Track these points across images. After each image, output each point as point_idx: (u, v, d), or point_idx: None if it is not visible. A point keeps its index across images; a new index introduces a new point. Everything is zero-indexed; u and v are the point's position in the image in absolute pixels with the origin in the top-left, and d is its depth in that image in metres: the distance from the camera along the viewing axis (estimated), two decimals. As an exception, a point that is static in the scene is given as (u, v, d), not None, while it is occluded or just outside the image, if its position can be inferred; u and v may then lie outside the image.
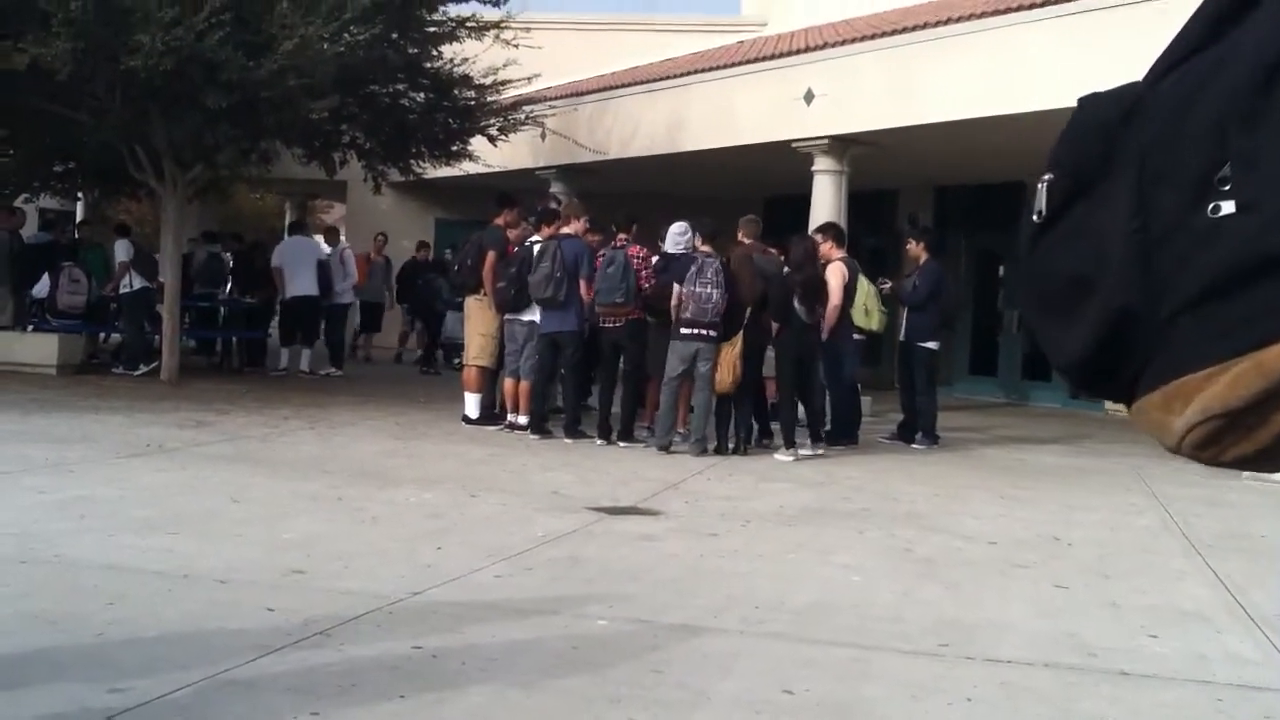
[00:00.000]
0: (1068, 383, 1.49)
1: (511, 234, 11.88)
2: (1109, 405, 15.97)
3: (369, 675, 4.22)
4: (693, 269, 10.44)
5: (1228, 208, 1.28)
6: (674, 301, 10.52)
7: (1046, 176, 1.41)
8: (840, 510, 8.31)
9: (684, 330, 10.50)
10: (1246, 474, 9.45)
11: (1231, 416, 1.27)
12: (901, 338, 12.37)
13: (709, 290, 10.40)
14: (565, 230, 11.30)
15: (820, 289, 11.03)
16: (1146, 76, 1.39)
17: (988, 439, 13.29)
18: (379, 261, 20.05)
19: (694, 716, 4.05)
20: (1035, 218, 1.42)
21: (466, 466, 9.36)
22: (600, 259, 11.19)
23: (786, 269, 10.98)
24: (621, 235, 11.62)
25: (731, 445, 10.83)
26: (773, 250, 11.69)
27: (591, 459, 10.14)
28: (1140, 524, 8.40)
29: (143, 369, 14.92)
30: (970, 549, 7.17)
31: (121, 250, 15.59)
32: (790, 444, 10.81)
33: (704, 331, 10.48)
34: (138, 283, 15.37)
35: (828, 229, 12.23)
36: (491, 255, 11.61)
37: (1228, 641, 5.37)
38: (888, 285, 12.51)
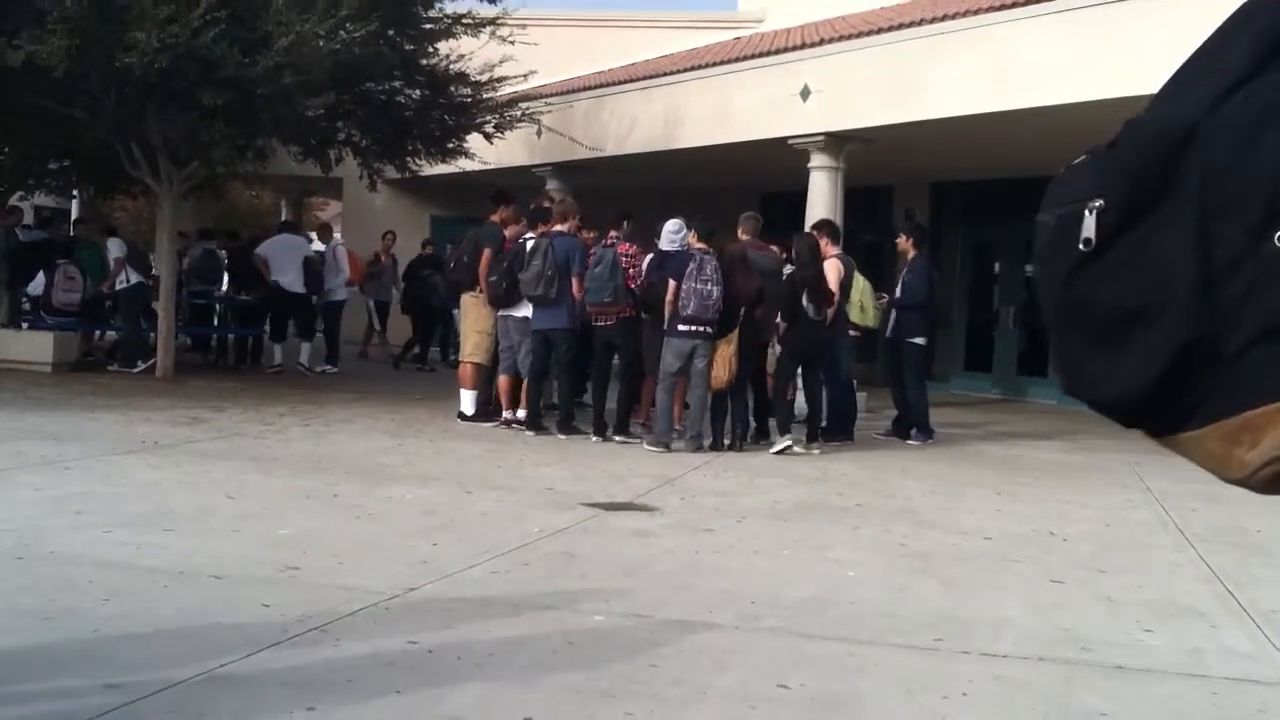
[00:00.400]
0: (1107, 415, 1.42)
1: (510, 231, 11.86)
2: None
3: (365, 671, 4.23)
4: (692, 266, 10.44)
5: None
6: (669, 298, 10.51)
7: (1096, 203, 1.36)
8: (835, 506, 8.31)
9: (681, 327, 10.50)
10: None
11: None
12: (889, 334, 12.38)
13: (709, 287, 10.41)
14: (558, 228, 11.29)
15: (826, 286, 11.04)
16: (1195, 98, 1.34)
17: (983, 435, 13.30)
18: (387, 261, 20.02)
19: (690, 711, 4.05)
20: (1082, 246, 1.37)
21: (462, 463, 9.36)
22: (592, 256, 11.22)
23: (792, 266, 11.00)
24: (613, 233, 11.62)
25: (727, 442, 10.84)
26: (772, 247, 11.71)
27: (587, 455, 10.14)
28: (1136, 519, 8.41)
29: (140, 366, 14.92)
30: (966, 544, 7.17)
31: (115, 247, 15.63)
32: (785, 432, 10.81)
33: (702, 328, 10.49)
34: (133, 278, 15.39)
35: (823, 226, 12.23)
36: (488, 252, 11.61)
37: (1223, 636, 5.37)
38: (885, 300, 12.51)
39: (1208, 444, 1.32)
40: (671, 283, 10.52)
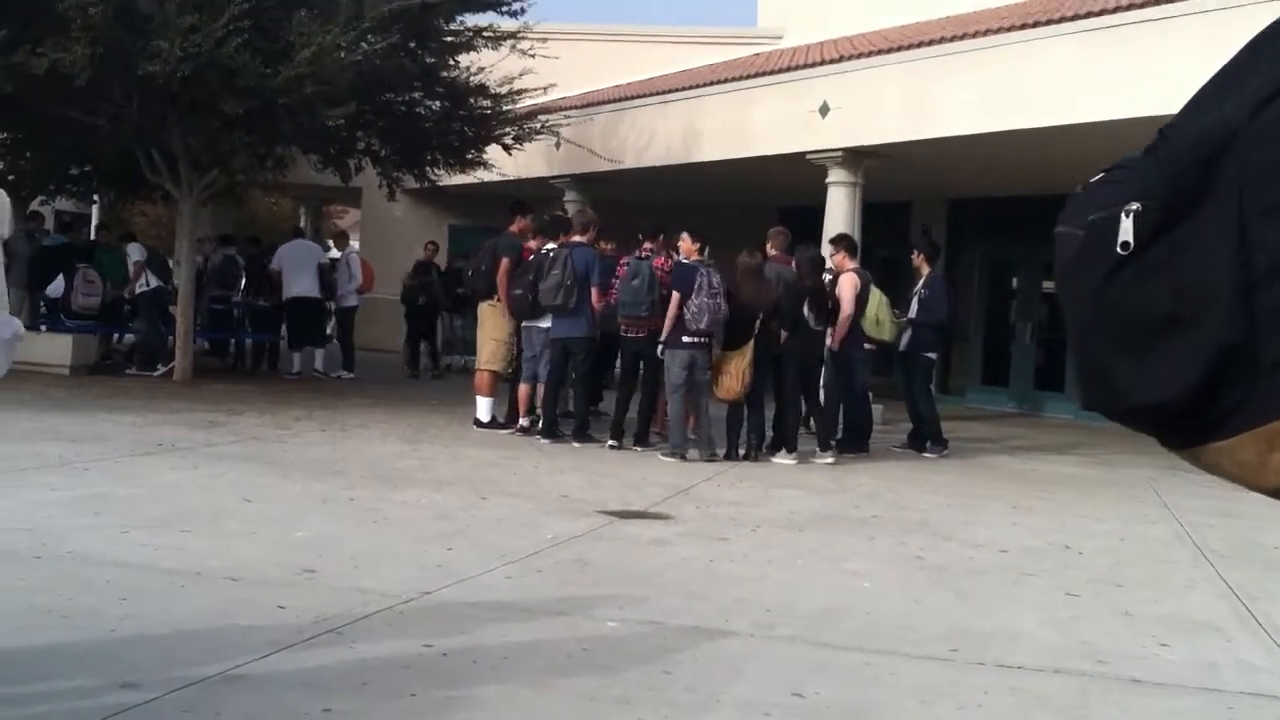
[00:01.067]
0: (1133, 425, 1.42)
1: (532, 243, 11.89)
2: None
3: (380, 673, 4.23)
4: (701, 279, 10.48)
5: None
6: (672, 310, 10.57)
7: (1134, 206, 1.36)
8: (851, 517, 8.30)
9: (685, 339, 10.56)
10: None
11: None
12: (903, 348, 12.39)
13: (718, 301, 10.46)
14: (576, 238, 11.32)
15: (822, 298, 11.07)
16: (1232, 106, 1.35)
17: (1000, 449, 13.28)
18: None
19: (703, 718, 4.05)
20: (1120, 249, 1.37)
21: (477, 469, 9.37)
22: (623, 269, 11.26)
23: (798, 277, 11.04)
24: (647, 245, 11.65)
25: (742, 452, 10.84)
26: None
27: (602, 463, 10.15)
28: (1152, 534, 8.38)
29: (160, 369, 14.99)
30: (981, 557, 7.16)
31: (135, 251, 15.72)
32: (792, 448, 10.84)
33: (704, 340, 10.58)
34: (153, 281, 15.49)
35: (840, 241, 12.26)
36: (505, 261, 11.64)
37: (1239, 650, 5.35)
38: (903, 320, 12.51)
39: (1240, 452, 1.33)
40: (675, 295, 10.57)
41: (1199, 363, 1.31)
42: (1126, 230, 1.36)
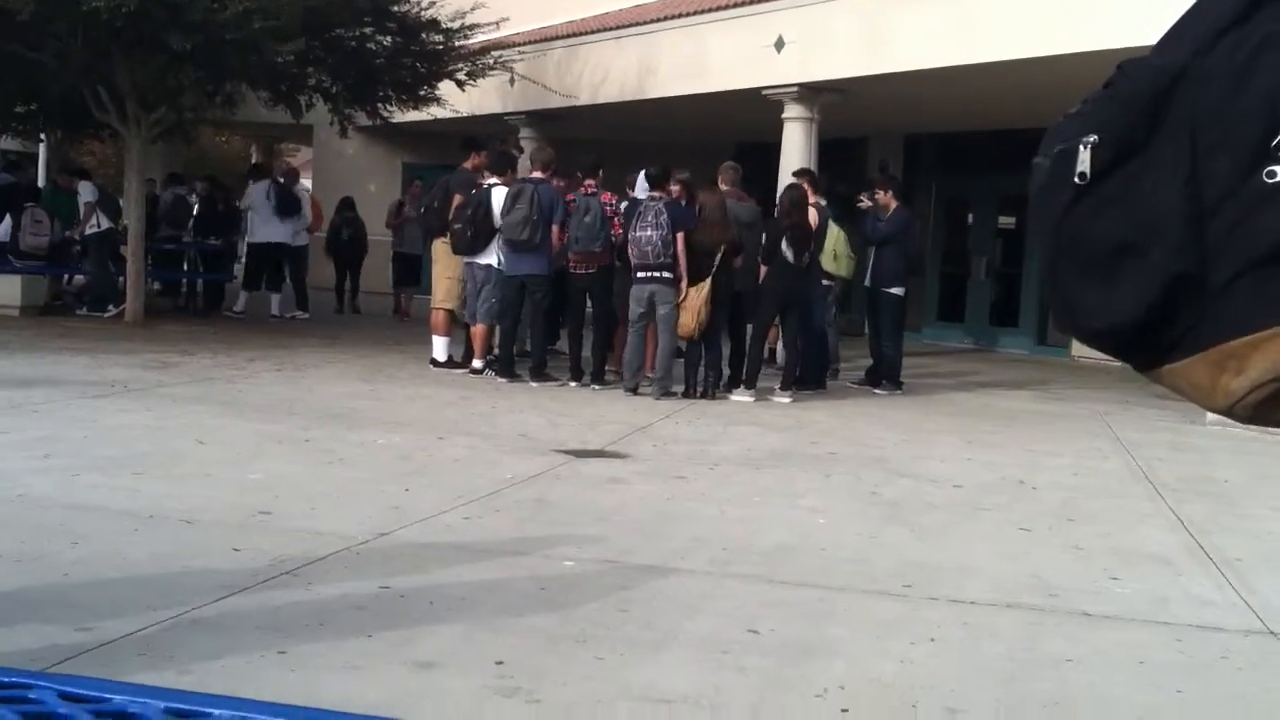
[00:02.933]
0: (1095, 346, 1.49)
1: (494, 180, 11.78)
2: (1076, 351, 16.10)
3: (337, 614, 4.23)
4: (636, 214, 10.50)
5: None
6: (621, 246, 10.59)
7: (1090, 138, 1.42)
8: (807, 454, 8.34)
9: (638, 274, 10.55)
10: (1211, 418, 9.54)
11: None
12: (867, 283, 12.40)
13: (648, 233, 10.43)
14: (537, 175, 11.23)
15: (809, 235, 11.05)
16: (1187, 44, 1.39)
17: (955, 384, 13.36)
18: (412, 211, 19.85)
19: (661, 655, 4.07)
20: (1077, 180, 1.42)
21: (434, 409, 9.34)
22: (572, 206, 11.18)
23: (777, 213, 11.02)
24: (589, 181, 11.58)
25: (700, 389, 10.85)
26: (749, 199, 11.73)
27: (559, 402, 10.14)
28: (1105, 468, 8.47)
29: (111, 310, 14.84)
30: (936, 493, 7.22)
31: (86, 191, 15.48)
32: (752, 384, 10.87)
33: (656, 274, 10.52)
34: (104, 223, 15.29)
35: (804, 174, 12.23)
36: (459, 199, 11.54)
37: (1189, 584, 5.43)
38: (865, 203, 12.48)
39: (1194, 374, 1.38)
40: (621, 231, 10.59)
41: (1151, 288, 1.37)
42: (1084, 161, 1.42)
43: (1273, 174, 1.30)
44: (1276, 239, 1.30)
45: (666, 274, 10.52)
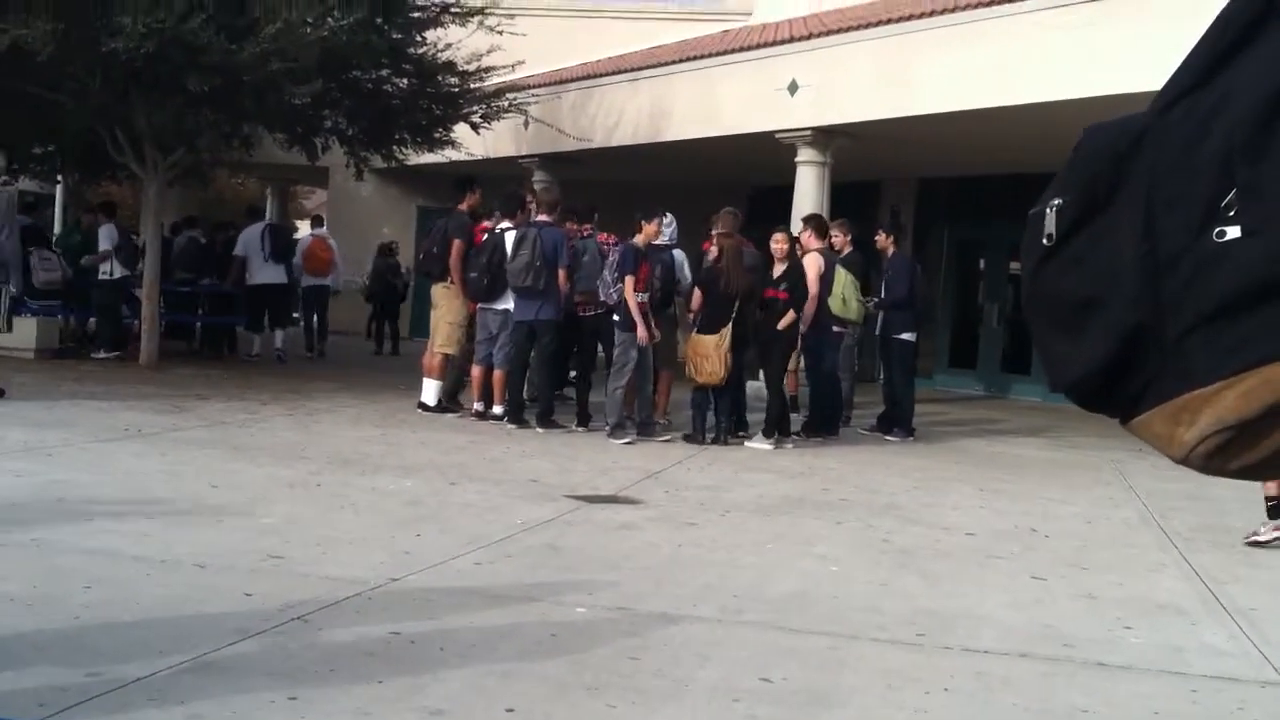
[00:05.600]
0: (1072, 399, 1.55)
1: (486, 223, 11.77)
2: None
3: (347, 660, 4.22)
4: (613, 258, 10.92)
5: (1234, 233, 1.35)
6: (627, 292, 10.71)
7: (1055, 201, 1.50)
8: (819, 501, 8.32)
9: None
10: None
11: (1242, 427, 1.35)
12: (878, 331, 12.41)
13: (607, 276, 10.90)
14: (543, 218, 11.25)
15: (800, 280, 11.05)
16: (1152, 107, 1.46)
17: (967, 431, 13.33)
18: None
19: (672, 704, 4.05)
20: (1045, 241, 1.50)
21: (445, 454, 9.34)
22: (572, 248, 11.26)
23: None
24: (586, 226, 11.68)
25: (711, 436, 10.83)
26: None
27: (570, 448, 10.13)
28: (1118, 517, 8.44)
29: (117, 353, 14.88)
30: (948, 540, 7.19)
31: (105, 238, 15.43)
32: (771, 432, 10.85)
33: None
34: (118, 271, 15.28)
35: (809, 220, 12.26)
36: (458, 244, 11.50)
37: (1203, 633, 5.40)
38: (873, 303, 12.51)
39: (1155, 425, 1.44)
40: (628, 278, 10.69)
41: (1110, 341, 1.44)
42: (1050, 223, 1.50)
43: (1222, 234, 1.35)
44: (1225, 296, 1.34)
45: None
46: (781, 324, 10.75)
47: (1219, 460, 1.39)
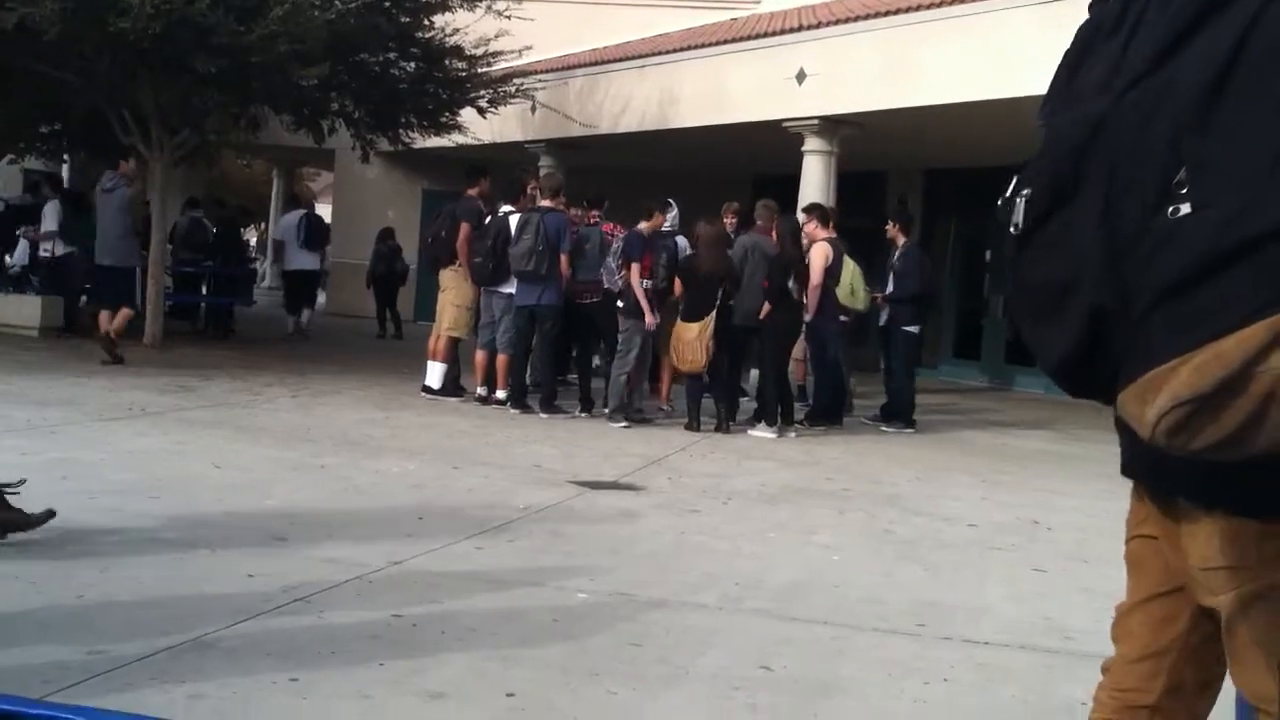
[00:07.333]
0: (1060, 386, 1.62)
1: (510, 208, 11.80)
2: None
3: (349, 642, 4.23)
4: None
5: (1185, 209, 1.42)
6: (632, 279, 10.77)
7: (1025, 192, 1.57)
8: (822, 490, 8.33)
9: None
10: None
11: (1198, 402, 1.39)
12: (882, 323, 12.38)
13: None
14: (546, 204, 11.23)
15: (798, 267, 11.02)
16: (1110, 90, 1.53)
17: (971, 422, 13.33)
18: None
19: (672, 691, 4.06)
20: (1013, 230, 1.58)
21: (449, 438, 9.35)
22: (574, 236, 11.26)
23: (779, 248, 11.03)
24: (594, 212, 11.67)
25: (713, 424, 10.82)
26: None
27: (573, 433, 10.14)
28: (1119, 509, 8.31)
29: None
30: (950, 531, 7.19)
31: (51, 215, 15.10)
32: (773, 421, 10.84)
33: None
34: (60, 249, 15.09)
35: (813, 209, 12.22)
36: (466, 227, 11.51)
37: (1203, 628, 5.39)
38: (879, 297, 12.47)
39: (1129, 406, 1.48)
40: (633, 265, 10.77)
41: (1078, 323, 1.49)
42: (1019, 213, 1.57)
43: (1176, 211, 1.41)
44: (1179, 271, 1.39)
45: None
46: (761, 314, 10.72)
47: (1183, 437, 1.41)
